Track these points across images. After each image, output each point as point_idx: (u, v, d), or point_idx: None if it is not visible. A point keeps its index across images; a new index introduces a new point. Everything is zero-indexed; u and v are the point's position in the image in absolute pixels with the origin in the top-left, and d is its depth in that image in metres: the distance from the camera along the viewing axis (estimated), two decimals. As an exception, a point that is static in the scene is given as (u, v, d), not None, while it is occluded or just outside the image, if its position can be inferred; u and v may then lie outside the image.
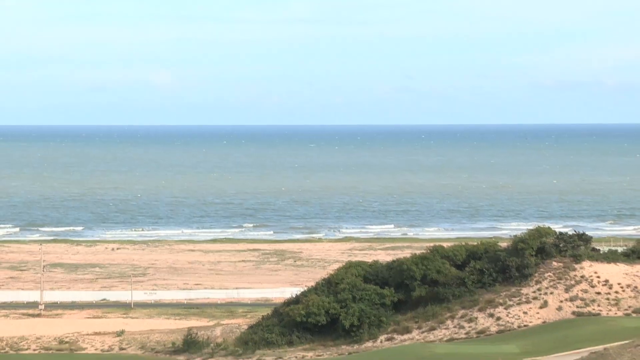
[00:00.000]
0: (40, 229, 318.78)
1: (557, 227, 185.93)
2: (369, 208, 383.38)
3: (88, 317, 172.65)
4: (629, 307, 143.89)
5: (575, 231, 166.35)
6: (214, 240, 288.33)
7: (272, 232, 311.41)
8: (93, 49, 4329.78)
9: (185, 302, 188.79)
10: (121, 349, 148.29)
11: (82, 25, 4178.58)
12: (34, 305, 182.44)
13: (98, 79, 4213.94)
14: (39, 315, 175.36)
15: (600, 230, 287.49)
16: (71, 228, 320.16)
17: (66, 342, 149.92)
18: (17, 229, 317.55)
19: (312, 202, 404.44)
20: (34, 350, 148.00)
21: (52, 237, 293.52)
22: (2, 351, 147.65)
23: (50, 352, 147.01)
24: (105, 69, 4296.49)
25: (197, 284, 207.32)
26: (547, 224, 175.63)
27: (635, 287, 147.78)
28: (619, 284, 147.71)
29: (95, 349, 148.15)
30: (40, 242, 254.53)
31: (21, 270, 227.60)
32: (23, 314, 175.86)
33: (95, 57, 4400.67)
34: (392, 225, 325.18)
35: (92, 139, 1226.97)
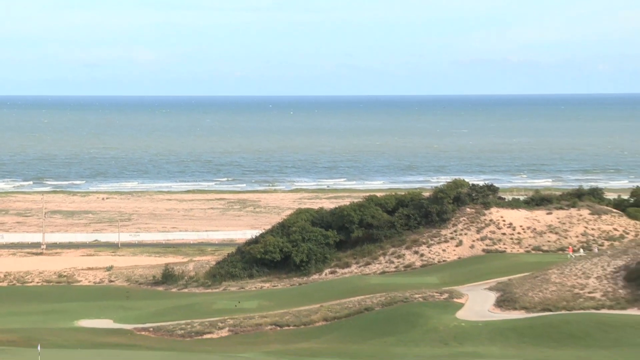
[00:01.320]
0: (43, 182, 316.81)
1: (474, 180, 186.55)
2: (318, 164, 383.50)
3: (82, 255, 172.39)
4: (529, 245, 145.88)
5: (485, 183, 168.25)
6: (188, 192, 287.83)
7: (236, 185, 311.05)
8: (87, 31, 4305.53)
9: (163, 242, 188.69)
10: (110, 281, 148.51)
11: (78, 10, 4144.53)
12: (37, 245, 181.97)
13: (91, 57, 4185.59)
14: (41, 254, 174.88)
15: (511, 182, 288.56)
16: (70, 182, 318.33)
17: (64, 276, 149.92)
18: (25, 182, 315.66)
19: (271, 159, 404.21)
20: (37, 282, 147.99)
21: (52, 189, 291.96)
22: (11, 284, 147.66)
23: (51, 284, 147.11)
24: (97, 48, 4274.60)
25: (173, 227, 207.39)
26: (464, 178, 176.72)
27: (534, 229, 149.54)
28: (520, 226, 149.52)
29: (89, 282, 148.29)
30: (42, 193, 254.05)
31: (26, 216, 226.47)
32: (28, 253, 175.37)
33: (89, 38, 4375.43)
34: (337, 179, 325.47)
35: (87, 108, 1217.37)
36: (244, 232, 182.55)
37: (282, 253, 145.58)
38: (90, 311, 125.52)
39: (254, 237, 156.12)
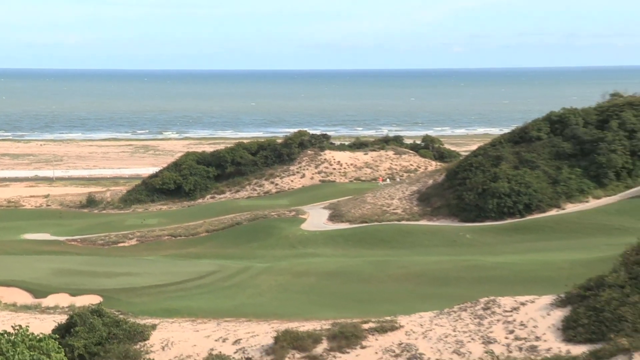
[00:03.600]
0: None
1: (314, 131, 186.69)
2: (203, 119, 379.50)
3: (26, 187, 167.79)
4: (352, 177, 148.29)
5: (321, 132, 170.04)
6: (105, 139, 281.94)
7: (140, 135, 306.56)
8: (30, 19, 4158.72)
9: (87, 176, 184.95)
10: (47, 205, 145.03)
11: (23, 3, 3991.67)
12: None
13: (33, 39, 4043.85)
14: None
15: (341, 132, 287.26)
16: (16, 133, 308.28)
17: (12, 202, 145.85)
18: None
19: (166, 116, 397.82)
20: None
21: (2, 138, 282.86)
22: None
23: (2, 208, 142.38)
24: (37, 33, 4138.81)
25: (94, 166, 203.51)
26: (307, 129, 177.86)
27: (355, 165, 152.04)
28: (346, 163, 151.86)
29: (31, 206, 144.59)
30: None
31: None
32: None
33: (31, 24, 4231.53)
34: (216, 130, 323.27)
35: (28, 77, 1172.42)
36: (147, 169, 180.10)
37: (175, 184, 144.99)
38: (32, 227, 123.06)
39: (154, 172, 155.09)
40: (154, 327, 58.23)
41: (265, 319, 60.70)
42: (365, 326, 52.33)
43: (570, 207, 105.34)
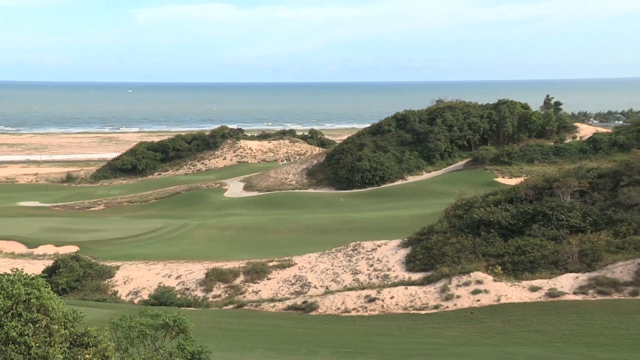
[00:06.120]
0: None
1: (232, 126, 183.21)
2: (152, 118, 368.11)
3: (19, 167, 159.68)
4: (260, 159, 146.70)
5: (237, 127, 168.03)
6: (79, 133, 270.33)
7: (105, 128, 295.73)
8: (18, 43, 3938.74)
9: (66, 160, 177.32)
10: (36, 181, 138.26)
11: (11, 30, 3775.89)
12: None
13: (22, 57, 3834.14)
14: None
15: (252, 126, 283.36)
16: (12, 128, 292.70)
17: (10, 179, 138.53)
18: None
19: (126, 116, 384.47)
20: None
21: (0, 132, 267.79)
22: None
23: (2, 183, 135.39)
24: (24, 53, 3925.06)
25: (71, 152, 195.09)
26: (228, 125, 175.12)
27: (262, 150, 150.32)
28: (255, 149, 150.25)
29: (24, 181, 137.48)
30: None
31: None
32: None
33: (20, 46, 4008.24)
34: (161, 126, 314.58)
35: (19, 88, 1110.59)
36: (111, 154, 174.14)
37: (131, 164, 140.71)
38: (25, 197, 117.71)
39: (116, 156, 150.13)
40: (117, 268, 57.11)
41: (199, 260, 60.16)
42: (270, 264, 52.60)
43: (411, 179, 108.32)
